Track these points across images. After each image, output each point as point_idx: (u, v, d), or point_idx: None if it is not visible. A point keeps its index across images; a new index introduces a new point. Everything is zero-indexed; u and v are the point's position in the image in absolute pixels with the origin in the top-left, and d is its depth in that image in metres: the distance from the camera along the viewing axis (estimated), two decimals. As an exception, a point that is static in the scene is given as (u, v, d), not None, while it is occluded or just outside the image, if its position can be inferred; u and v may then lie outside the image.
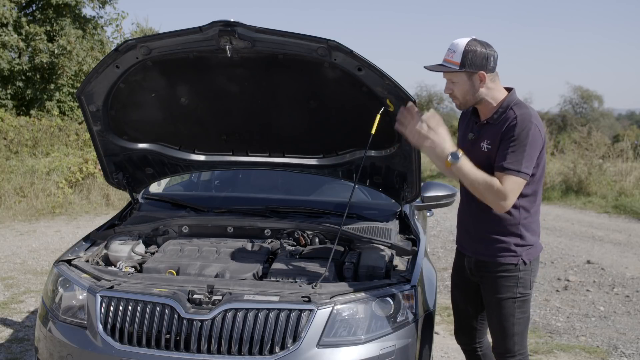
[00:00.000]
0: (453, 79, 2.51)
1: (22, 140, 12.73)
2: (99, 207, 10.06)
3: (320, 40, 2.48)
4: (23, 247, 7.21)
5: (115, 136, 3.12)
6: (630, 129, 32.06)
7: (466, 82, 2.49)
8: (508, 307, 2.59)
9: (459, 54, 2.45)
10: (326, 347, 2.30)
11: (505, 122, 2.47)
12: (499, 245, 2.57)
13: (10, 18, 15.74)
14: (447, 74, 2.52)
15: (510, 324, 2.60)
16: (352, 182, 3.16)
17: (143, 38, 2.63)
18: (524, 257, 2.57)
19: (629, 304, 5.33)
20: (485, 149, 2.52)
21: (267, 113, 3.01)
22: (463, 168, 2.39)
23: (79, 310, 2.53)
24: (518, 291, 2.58)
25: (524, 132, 2.41)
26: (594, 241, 8.10)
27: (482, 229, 2.61)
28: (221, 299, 2.37)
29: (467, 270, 2.74)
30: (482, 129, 2.58)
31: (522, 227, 2.57)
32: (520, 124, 2.43)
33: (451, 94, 2.55)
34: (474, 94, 2.52)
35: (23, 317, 4.63)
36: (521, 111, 2.47)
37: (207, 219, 3.19)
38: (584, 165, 12.40)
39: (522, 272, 2.58)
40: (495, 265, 2.59)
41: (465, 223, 2.73)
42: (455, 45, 2.47)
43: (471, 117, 2.67)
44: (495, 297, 2.61)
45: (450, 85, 2.53)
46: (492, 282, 2.61)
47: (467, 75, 2.48)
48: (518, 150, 2.40)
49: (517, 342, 2.64)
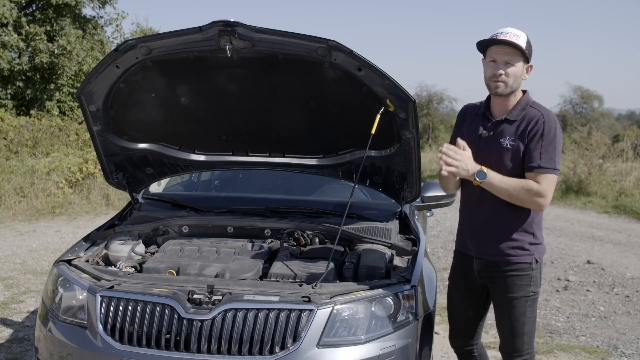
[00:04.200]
0: (512, 61, 2.48)
1: (22, 140, 12.72)
2: (99, 207, 10.06)
3: (320, 40, 2.48)
4: (23, 247, 7.21)
5: (115, 136, 3.11)
6: (630, 129, 32.07)
7: (520, 68, 2.50)
8: (521, 306, 2.59)
9: (524, 40, 2.47)
10: (326, 347, 2.30)
11: (530, 120, 2.50)
12: (513, 245, 2.57)
13: (10, 18, 15.72)
14: (506, 54, 2.47)
15: (521, 323, 2.60)
16: (352, 182, 3.16)
17: (143, 38, 2.63)
18: (536, 255, 2.59)
19: (629, 304, 5.33)
20: (508, 145, 2.52)
21: (267, 113, 3.01)
22: (493, 182, 2.44)
23: (79, 310, 2.53)
24: (531, 290, 2.59)
25: (552, 130, 2.47)
26: (594, 241, 8.11)
27: (497, 230, 2.59)
28: (221, 299, 2.37)
29: (476, 272, 2.70)
30: (499, 126, 2.57)
31: (535, 225, 2.60)
32: (548, 123, 2.48)
33: (502, 75, 2.49)
34: (519, 82, 2.53)
35: (23, 317, 4.63)
36: (545, 110, 2.52)
37: (207, 219, 3.19)
38: (584, 165, 12.40)
39: (535, 271, 2.60)
40: (509, 265, 2.58)
41: (475, 225, 2.68)
42: (516, 31, 2.47)
43: (482, 114, 2.65)
44: (507, 296, 2.60)
45: (505, 67, 2.48)
46: (504, 282, 2.60)
47: (524, 62, 2.50)
48: (550, 148, 2.46)
49: (526, 342, 2.64)
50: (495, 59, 2.50)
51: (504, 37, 2.46)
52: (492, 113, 2.62)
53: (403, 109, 2.68)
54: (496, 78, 2.49)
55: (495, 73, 2.49)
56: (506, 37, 2.46)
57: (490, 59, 2.52)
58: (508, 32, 2.47)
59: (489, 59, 2.53)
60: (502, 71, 2.48)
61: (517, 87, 2.54)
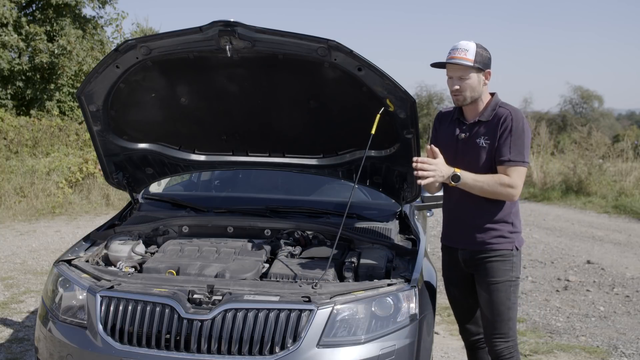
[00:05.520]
0: (464, 76, 2.67)
1: (22, 140, 12.72)
2: (99, 207, 10.07)
3: (320, 40, 2.48)
4: (23, 247, 7.21)
5: (115, 136, 3.12)
6: (630, 129, 32.01)
7: (475, 79, 2.69)
8: (505, 290, 2.75)
9: (472, 53, 2.66)
10: (326, 347, 2.30)
11: (499, 118, 2.70)
12: (495, 234, 2.76)
13: (10, 18, 15.73)
14: (458, 70, 2.67)
15: (506, 308, 2.76)
16: (352, 182, 3.16)
17: (143, 38, 2.63)
18: (516, 243, 2.79)
19: (629, 304, 5.33)
20: (483, 144, 2.73)
21: (267, 113, 3.01)
22: (467, 182, 2.64)
23: (79, 310, 2.53)
24: (513, 275, 2.77)
25: (520, 126, 2.67)
26: (594, 241, 8.11)
27: (480, 221, 2.77)
28: (221, 299, 2.37)
29: (462, 262, 2.85)
30: (474, 127, 2.76)
31: (513, 215, 2.80)
32: (515, 120, 2.68)
33: (457, 90, 2.70)
34: (478, 91, 2.72)
35: (23, 317, 4.63)
36: (513, 108, 2.73)
37: (207, 219, 3.19)
38: (584, 165, 12.40)
39: (515, 257, 2.78)
40: (491, 252, 2.76)
41: (460, 217, 2.85)
42: (465, 45, 2.67)
43: (457, 118, 2.83)
44: (492, 280, 2.76)
45: (459, 82, 2.69)
46: (488, 268, 2.76)
47: (477, 73, 2.68)
48: (519, 142, 2.66)
49: (511, 328, 2.79)
50: (450, 76, 2.72)
51: (452, 57, 2.66)
52: (465, 117, 2.81)
53: (403, 109, 2.68)
54: (455, 93, 2.71)
55: (452, 89, 2.72)
56: (455, 54, 2.66)
57: (448, 75, 2.73)
58: (457, 49, 2.67)
59: (447, 76, 2.74)
60: (457, 87, 2.69)
61: (478, 95, 2.73)
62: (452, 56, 2.67)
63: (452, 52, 2.68)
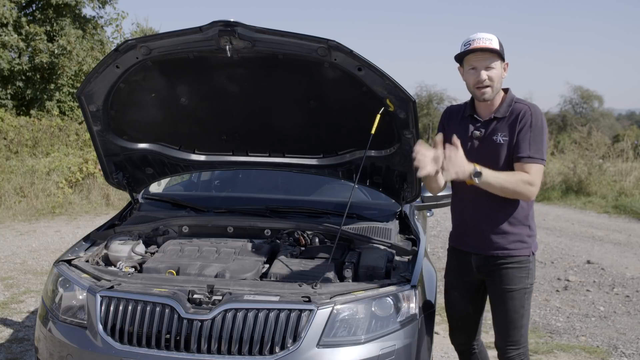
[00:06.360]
0: (491, 64, 2.54)
1: (22, 140, 12.73)
2: (99, 207, 10.07)
3: (320, 40, 2.48)
4: (23, 247, 7.21)
5: (115, 136, 3.11)
6: (630, 129, 32.04)
7: (500, 69, 2.58)
8: (519, 298, 2.63)
9: (496, 42, 2.54)
10: (326, 347, 2.30)
11: (518, 113, 2.57)
12: (513, 238, 2.62)
13: (10, 18, 15.74)
14: (484, 59, 2.53)
15: (520, 315, 2.64)
16: (352, 182, 3.16)
17: (143, 38, 2.63)
18: (532, 248, 2.66)
19: (629, 304, 5.33)
20: (501, 141, 2.58)
21: (267, 113, 3.01)
22: (488, 179, 2.45)
23: (79, 310, 2.53)
24: (528, 282, 2.66)
25: (539, 122, 2.55)
26: (594, 241, 8.11)
27: (496, 224, 2.62)
28: (221, 299, 2.37)
29: (474, 268, 2.71)
30: (490, 124, 2.63)
31: (530, 217, 2.67)
32: (535, 115, 2.55)
33: (486, 80, 2.55)
34: (501, 82, 2.60)
35: (23, 317, 4.63)
36: (531, 104, 2.60)
37: (207, 219, 3.19)
38: (584, 165, 12.40)
39: (531, 263, 2.66)
40: (509, 258, 2.62)
41: (472, 221, 2.70)
42: (487, 35, 2.55)
43: (469, 115, 2.69)
44: (507, 288, 2.63)
45: (488, 72, 2.55)
46: (503, 275, 2.63)
47: (501, 62, 2.57)
48: (538, 139, 2.53)
49: (523, 335, 2.68)
50: (475, 66, 2.56)
51: (478, 44, 2.53)
52: (479, 114, 2.67)
53: (403, 109, 2.68)
54: (481, 84, 2.55)
55: (479, 79, 2.55)
56: (480, 43, 2.53)
57: (469, 67, 2.58)
58: (479, 38, 2.54)
59: (468, 67, 2.59)
60: (485, 77, 2.54)
61: (500, 88, 2.61)
62: (476, 44, 2.52)
63: (473, 42, 2.53)
